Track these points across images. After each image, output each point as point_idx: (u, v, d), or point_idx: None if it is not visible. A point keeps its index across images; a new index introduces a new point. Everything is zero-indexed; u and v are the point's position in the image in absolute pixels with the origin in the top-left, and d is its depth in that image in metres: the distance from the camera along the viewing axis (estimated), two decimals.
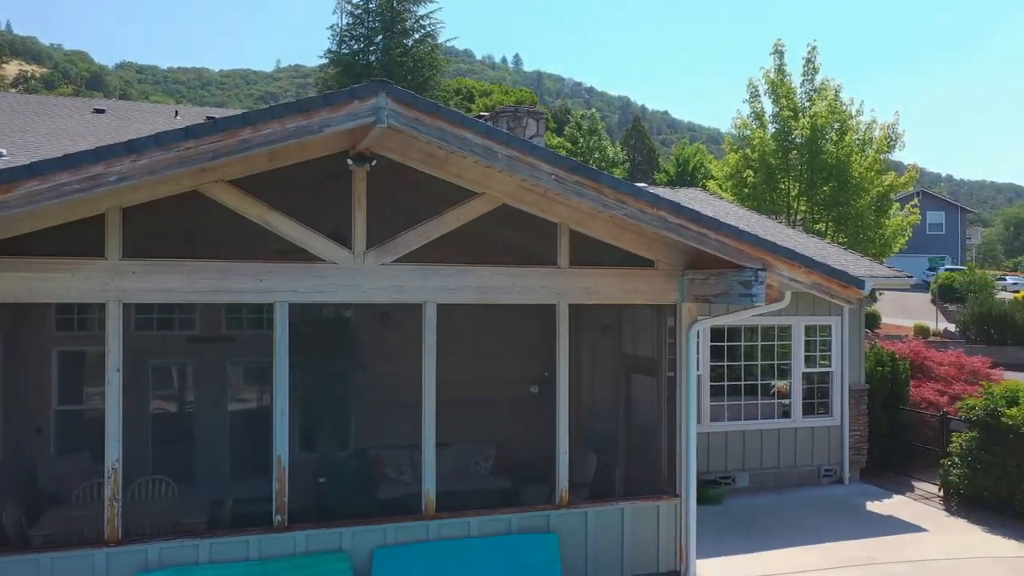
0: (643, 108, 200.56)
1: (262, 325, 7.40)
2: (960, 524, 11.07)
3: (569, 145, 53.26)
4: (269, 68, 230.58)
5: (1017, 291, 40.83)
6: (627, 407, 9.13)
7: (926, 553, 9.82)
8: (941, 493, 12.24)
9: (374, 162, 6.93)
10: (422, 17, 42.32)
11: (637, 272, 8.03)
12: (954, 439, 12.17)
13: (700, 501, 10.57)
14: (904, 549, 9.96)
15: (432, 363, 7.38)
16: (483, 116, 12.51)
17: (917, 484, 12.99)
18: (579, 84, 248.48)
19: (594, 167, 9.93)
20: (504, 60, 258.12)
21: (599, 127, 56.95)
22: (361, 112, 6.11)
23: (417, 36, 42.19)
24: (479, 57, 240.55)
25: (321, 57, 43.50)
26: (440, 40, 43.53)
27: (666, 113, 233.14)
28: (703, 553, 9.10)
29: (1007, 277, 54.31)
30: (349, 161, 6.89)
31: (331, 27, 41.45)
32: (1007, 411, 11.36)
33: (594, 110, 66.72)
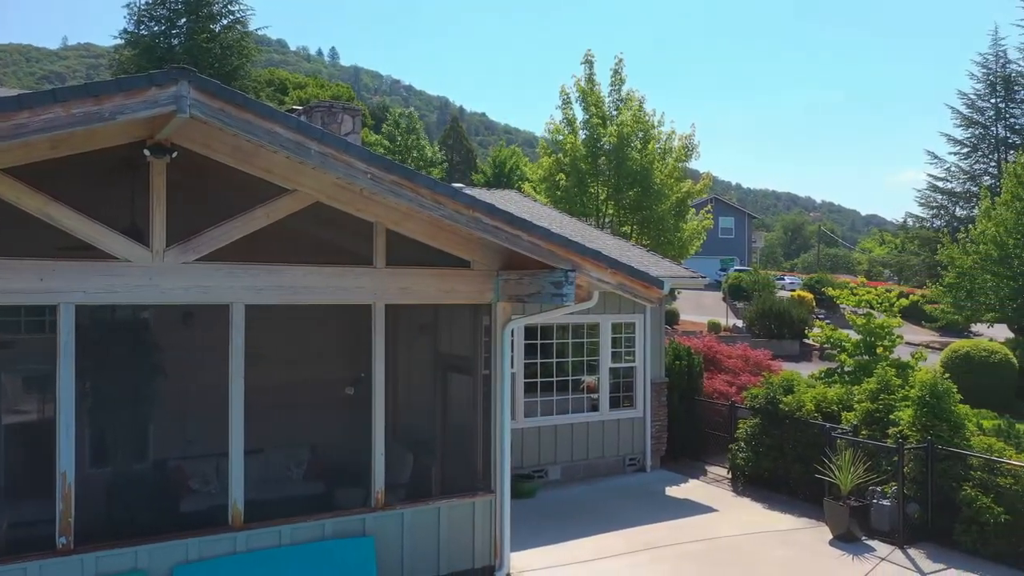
0: (461, 109, 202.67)
1: (45, 329, 6.72)
2: (745, 503, 12.15)
3: (387, 143, 52.77)
4: (54, 45, 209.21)
5: (793, 290, 45.37)
6: (444, 406, 9.18)
7: (717, 531, 10.69)
8: (730, 475, 13.38)
9: (175, 154, 6.49)
10: (231, 2, 40.21)
11: (454, 272, 8.11)
12: (740, 426, 13.33)
13: (514, 495, 10.87)
14: (698, 529, 10.78)
15: (240, 367, 7.04)
16: (296, 110, 12.08)
17: (710, 468, 14.10)
18: (398, 82, 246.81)
19: (412, 167, 9.91)
20: (320, 53, 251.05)
21: (417, 126, 56.88)
22: (160, 100, 5.70)
23: (225, 22, 40.01)
24: (293, 48, 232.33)
25: (116, 37, 40.16)
26: (251, 28, 41.56)
27: (484, 115, 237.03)
28: (518, 546, 9.36)
29: (785, 277, 60.23)
30: (147, 152, 6.41)
31: (128, 5, 38.36)
32: (784, 399, 12.61)
33: (413, 109, 66.59)
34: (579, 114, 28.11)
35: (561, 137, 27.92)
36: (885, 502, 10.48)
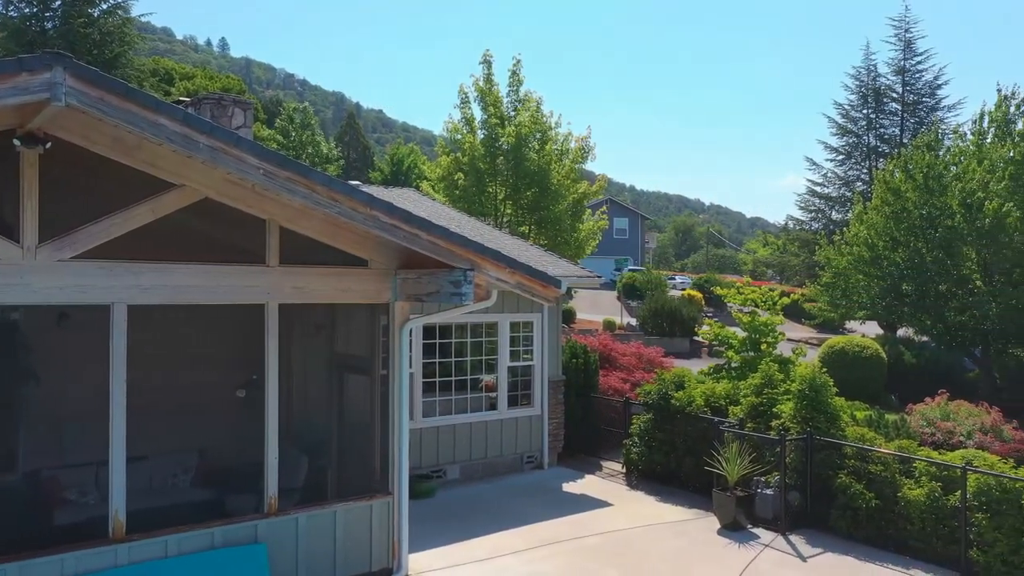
0: (358, 106, 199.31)
1: None
2: (639, 496, 12.49)
3: (280, 138, 51.34)
4: None
5: (684, 289, 46.96)
6: (341, 407, 9.01)
7: (612, 525, 10.95)
8: (624, 470, 13.72)
9: (48, 144, 6.10)
10: None
11: (351, 271, 7.97)
12: (634, 421, 13.70)
13: (413, 496, 10.79)
14: (594, 523, 11.00)
15: (121, 371, 6.69)
16: (183, 102, 11.57)
17: (605, 464, 14.42)
18: (292, 76, 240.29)
19: (307, 163, 9.65)
20: (209, 43, 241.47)
21: (312, 121, 55.60)
22: (32, 87, 5.33)
23: (105, 6, 37.85)
24: (180, 37, 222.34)
25: None
26: (133, 14, 39.49)
27: (381, 112, 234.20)
28: (416, 547, 9.30)
29: (676, 277, 62.31)
30: (16, 142, 5.99)
31: None
32: (675, 394, 13.04)
33: (307, 104, 65.04)
34: (478, 114, 28.20)
35: (460, 136, 27.92)
36: (769, 491, 11.00)
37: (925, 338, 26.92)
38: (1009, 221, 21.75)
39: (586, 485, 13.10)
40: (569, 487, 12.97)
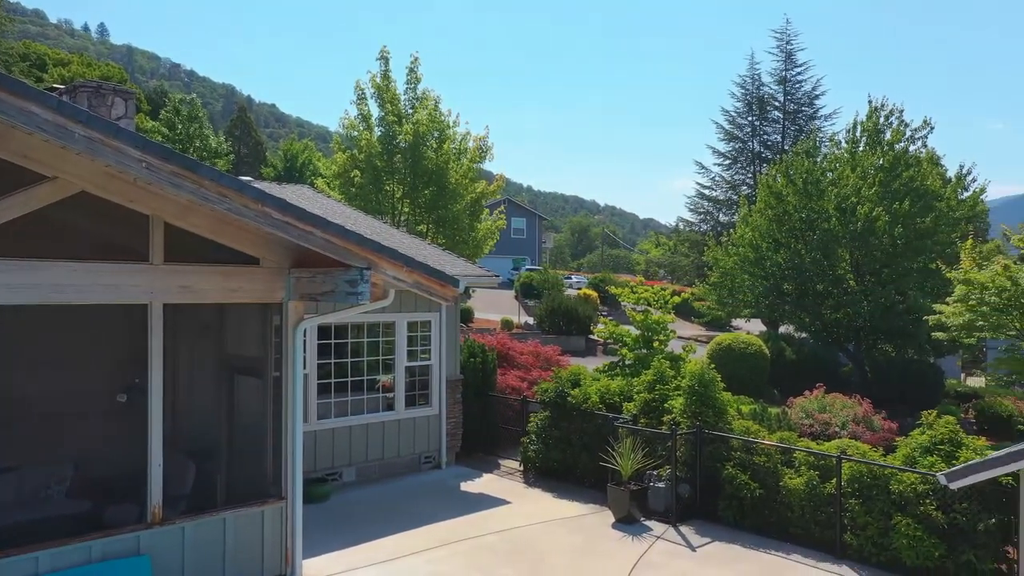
0: (250, 99, 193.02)
1: None
2: (536, 493, 12.62)
3: (166, 131, 49.03)
4: None
5: (580, 288, 47.81)
6: (231, 411, 8.69)
7: (510, 523, 11.02)
8: (522, 468, 13.84)
9: None
10: None
11: (241, 270, 7.70)
12: (532, 419, 13.84)
13: (308, 500, 10.55)
14: (492, 521, 11.05)
15: None
16: (58, 89, 10.88)
17: (504, 462, 14.51)
18: (178, 66, 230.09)
19: (194, 157, 9.26)
20: (87, 28, 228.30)
21: (201, 114, 53.34)
22: None
23: None
24: (54, 20, 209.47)
25: None
26: None
27: (274, 106, 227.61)
28: (311, 552, 9.09)
29: (573, 276, 63.36)
30: None
31: None
32: (572, 392, 13.25)
33: (195, 95, 62.39)
34: (375, 111, 27.82)
35: (356, 133, 27.46)
36: (661, 484, 11.33)
37: (804, 335, 28.42)
38: (879, 225, 23.23)
39: (484, 484, 13.14)
40: (467, 486, 12.98)
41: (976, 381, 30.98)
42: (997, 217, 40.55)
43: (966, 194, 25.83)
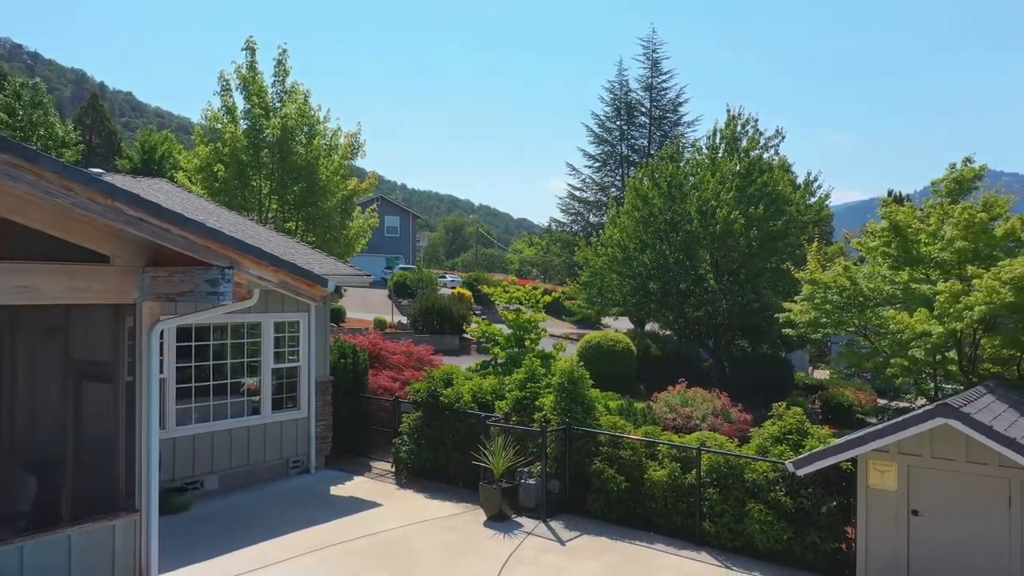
0: (103, 86, 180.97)
1: None
2: (409, 494, 12.53)
3: (5, 117, 45.18)
4: None
5: (454, 287, 47.83)
6: (79, 419, 8.11)
7: (382, 525, 10.88)
8: (394, 469, 13.70)
9: None
10: None
11: (89, 269, 7.19)
12: (404, 420, 13.73)
13: (166, 512, 10.01)
14: (363, 525, 10.87)
15: None
16: None
17: (375, 464, 14.31)
18: (20, 47, 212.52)
19: (38, 146, 8.57)
20: None
21: (45, 100, 49.47)
22: None
23: None
24: None
25: None
26: None
27: (131, 94, 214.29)
28: (169, 566, 8.65)
29: (447, 275, 63.28)
30: None
31: None
32: (444, 391, 13.24)
33: (39, 80, 57.83)
34: (240, 103, 26.72)
35: (220, 126, 26.28)
36: (532, 481, 11.51)
37: (669, 332, 29.66)
38: (736, 227, 24.54)
39: (355, 487, 12.91)
40: (337, 490, 12.71)
41: (822, 374, 33.33)
42: (840, 221, 43.88)
43: (813, 199, 27.69)
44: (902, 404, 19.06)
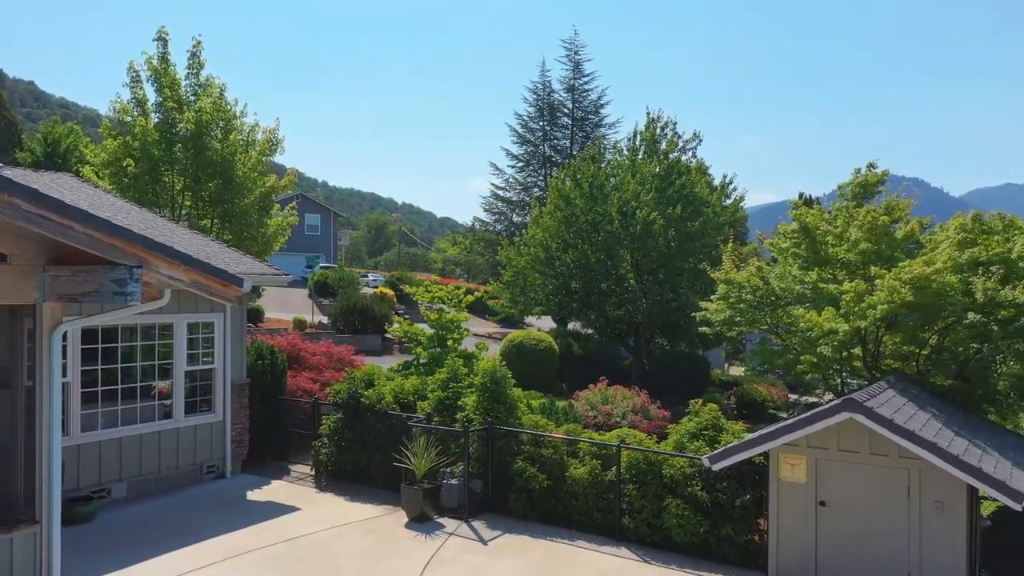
0: (1, 73, 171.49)
1: None
2: (329, 498, 12.31)
3: None
4: None
5: (376, 287, 47.30)
6: None
7: (301, 530, 10.66)
8: (314, 472, 13.45)
9: None
10: None
11: None
12: (324, 422, 13.48)
13: (70, 522, 9.56)
14: (281, 530, 10.62)
15: None
16: None
17: (294, 467, 14.00)
18: None
19: None
20: None
21: None
22: None
23: None
24: None
25: None
26: None
27: (33, 84, 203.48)
28: None
29: (369, 274, 62.56)
30: None
31: None
32: (365, 392, 13.07)
33: None
34: (152, 95, 25.69)
35: (130, 119, 25.20)
36: (454, 481, 11.48)
37: (591, 331, 30.04)
38: (655, 228, 25.06)
39: (273, 491, 12.61)
40: (254, 495, 12.39)
41: (737, 370, 34.38)
42: (755, 222, 45.35)
43: (728, 201, 28.52)
44: (811, 399, 19.86)
